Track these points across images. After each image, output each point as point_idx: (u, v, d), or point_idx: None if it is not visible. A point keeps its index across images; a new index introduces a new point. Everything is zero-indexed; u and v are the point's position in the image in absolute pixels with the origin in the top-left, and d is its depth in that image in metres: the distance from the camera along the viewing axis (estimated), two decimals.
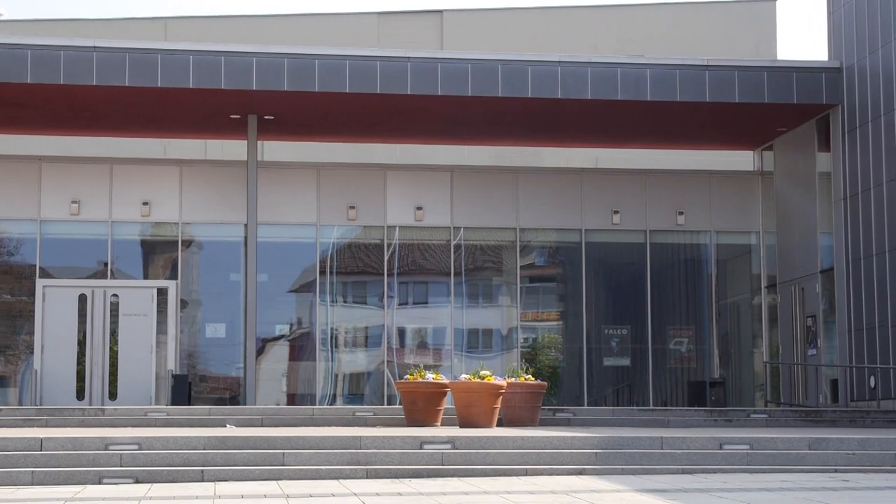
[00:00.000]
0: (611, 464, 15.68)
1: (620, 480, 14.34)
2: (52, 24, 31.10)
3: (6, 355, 26.78)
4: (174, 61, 23.05)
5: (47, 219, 26.58)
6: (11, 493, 13.63)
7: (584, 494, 12.90)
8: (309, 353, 27.32)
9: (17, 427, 19.96)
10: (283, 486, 14.12)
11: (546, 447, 16.24)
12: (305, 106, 24.33)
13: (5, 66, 22.49)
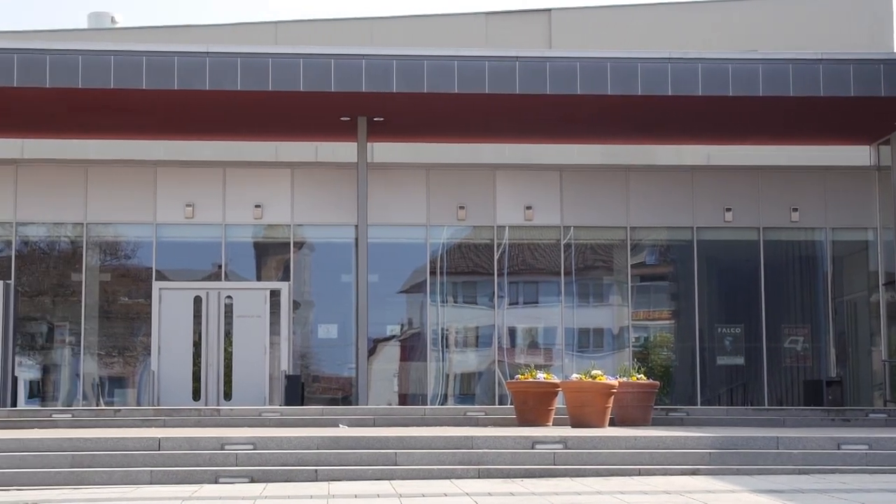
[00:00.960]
0: (725, 464, 15.50)
1: (735, 481, 14.17)
2: (166, 31, 31.61)
3: (124, 357, 27.29)
4: (285, 65, 23.27)
5: (163, 222, 27.03)
6: (131, 491, 13.88)
7: (699, 495, 12.76)
8: (420, 353, 27.41)
9: (135, 427, 20.35)
10: (396, 485, 14.18)
11: (659, 447, 16.10)
12: (414, 107, 24.41)
13: (122, 73, 22.90)
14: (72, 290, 27.00)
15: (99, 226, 27.04)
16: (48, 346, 27.35)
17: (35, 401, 26.94)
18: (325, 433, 17.08)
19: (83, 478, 14.85)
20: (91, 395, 26.82)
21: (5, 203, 26.67)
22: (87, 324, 26.73)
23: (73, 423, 21.57)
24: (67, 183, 26.89)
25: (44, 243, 27.28)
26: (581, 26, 31.25)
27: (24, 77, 22.64)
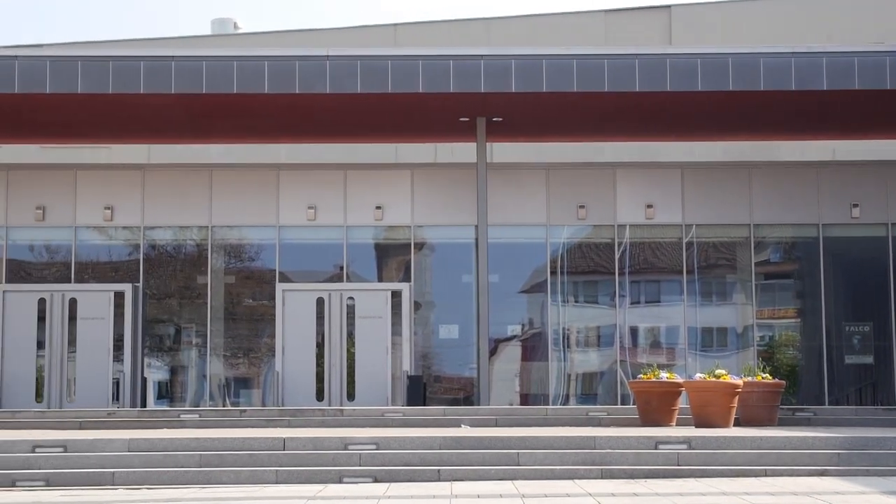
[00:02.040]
0: (854, 465, 15.20)
1: (865, 482, 13.88)
2: (287, 36, 31.99)
3: (249, 358, 27.68)
4: (404, 67, 23.38)
5: (285, 224, 27.36)
6: (257, 491, 14.07)
7: (827, 497, 12.53)
8: (541, 353, 27.35)
9: (261, 427, 20.62)
10: (519, 485, 14.17)
11: (785, 447, 15.85)
12: (533, 106, 24.35)
13: (244, 78, 23.21)
14: (198, 293, 27.46)
15: (223, 229, 27.47)
16: (175, 347, 27.86)
17: (164, 401, 27.47)
18: (448, 433, 17.13)
19: (211, 477, 15.10)
20: (217, 396, 27.25)
21: (133, 207, 27.23)
22: (213, 325, 27.17)
23: (201, 423, 21.94)
24: (192, 187, 27.37)
25: (170, 247, 27.79)
26: (701, 22, 30.90)
27: (150, 84, 23.08)
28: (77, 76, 22.99)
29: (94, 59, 23.23)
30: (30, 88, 22.95)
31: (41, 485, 14.87)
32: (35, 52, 24.83)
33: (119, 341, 26.28)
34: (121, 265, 27.47)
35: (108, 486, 14.84)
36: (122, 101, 23.62)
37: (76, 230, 27.24)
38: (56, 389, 26.08)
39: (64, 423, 21.83)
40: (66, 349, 26.23)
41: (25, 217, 27.15)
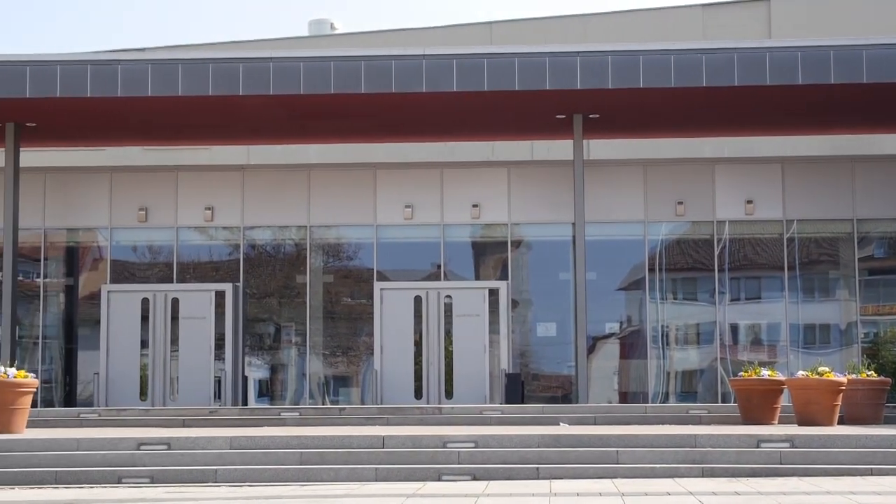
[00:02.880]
0: None
1: None
2: (383, 35, 32.12)
3: (348, 356, 27.86)
4: (500, 64, 23.36)
5: (383, 223, 27.49)
6: (357, 488, 14.14)
7: None
8: (640, 350, 27.17)
9: (360, 425, 20.74)
10: (618, 483, 14.08)
11: (892, 446, 15.56)
12: (631, 103, 24.19)
13: (341, 79, 23.36)
14: (297, 292, 27.71)
15: (321, 228, 27.68)
16: (275, 346, 28.14)
17: (264, 399, 27.76)
18: (546, 431, 17.08)
19: (311, 475, 15.22)
20: (317, 394, 27.47)
21: (233, 208, 27.56)
22: (312, 324, 27.39)
23: (301, 421, 22.12)
24: (291, 187, 27.62)
25: (269, 246, 28.07)
26: (801, 14, 30.45)
27: (248, 86, 23.33)
28: (178, 79, 23.31)
29: (195, 62, 23.54)
30: (132, 92, 23.33)
31: (146, 482, 15.10)
32: (137, 55, 25.21)
33: (220, 340, 26.60)
34: (221, 265, 27.80)
35: (211, 483, 15.02)
36: (222, 103, 23.90)
37: (178, 231, 27.63)
38: (160, 388, 26.48)
39: (167, 420, 22.17)
40: (168, 348, 26.61)
41: (128, 218, 27.60)
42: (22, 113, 24.38)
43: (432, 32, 31.86)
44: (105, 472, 15.33)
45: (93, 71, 23.34)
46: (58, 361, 27.90)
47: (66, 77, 23.27)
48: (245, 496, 13.36)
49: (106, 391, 26.17)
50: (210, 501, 12.76)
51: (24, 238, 26.65)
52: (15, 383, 18.39)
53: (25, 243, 26.95)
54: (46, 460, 15.71)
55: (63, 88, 23.29)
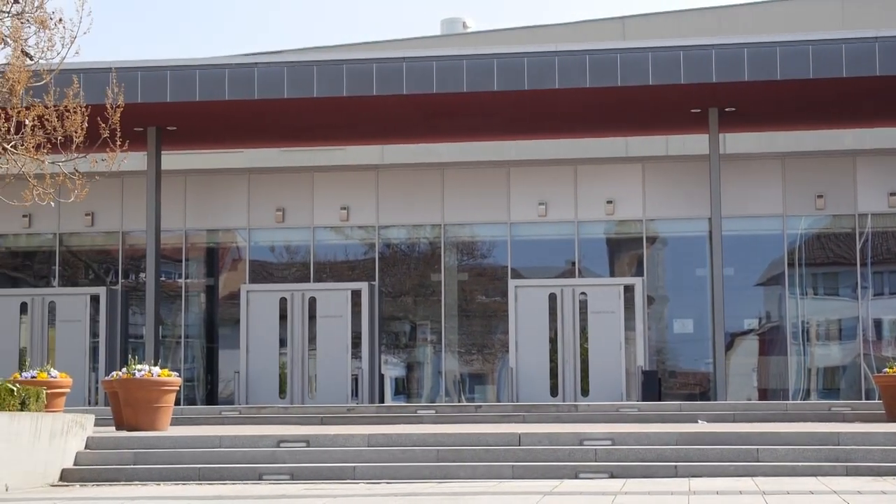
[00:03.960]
0: None
1: None
2: (515, 33, 32.10)
3: (483, 354, 27.91)
4: (633, 59, 23.18)
5: (517, 221, 27.47)
6: (494, 486, 14.15)
7: None
8: (779, 346, 26.72)
9: (496, 423, 20.76)
10: (759, 482, 13.87)
11: None
12: (768, 95, 23.79)
13: (474, 77, 23.41)
14: (432, 290, 27.84)
15: (455, 226, 27.77)
16: (411, 344, 28.31)
17: (401, 397, 27.95)
18: (684, 429, 16.90)
19: (448, 472, 15.27)
20: (452, 392, 27.57)
21: (368, 207, 27.80)
22: (447, 322, 27.50)
23: (437, 418, 22.21)
24: (425, 186, 27.76)
25: (404, 245, 28.26)
26: None
27: (382, 86, 23.52)
28: (313, 81, 23.61)
29: (329, 64, 23.82)
30: (269, 94, 23.69)
31: (286, 478, 15.31)
32: (273, 58, 25.59)
33: (357, 339, 26.86)
34: (357, 264, 28.07)
35: (349, 479, 15.17)
36: (356, 104, 24.13)
37: (314, 231, 27.97)
38: (298, 386, 26.83)
39: (306, 418, 22.45)
40: (306, 347, 26.96)
41: (266, 219, 28.02)
42: (163, 117, 24.92)
43: (564, 29, 31.74)
44: (246, 468, 15.58)
45: (230, 74, 23.76)
46: (199, 360, 28.46)
47: (205, 81, 23.72)
48: (383, 493, 13.46)
49: (246, 389, 26.61)
50: (349, 498, 12.89)
51: (166, 240, 27.23)
52: (159, 381, 18.80)
53: (167, 245, 27.53)
54: (190, 457, 16.03)
55: (202, 92, 23.75)
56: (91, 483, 15.25)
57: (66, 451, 15.76)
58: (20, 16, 14.45)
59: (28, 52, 14.42)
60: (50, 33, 14.39)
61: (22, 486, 14.55)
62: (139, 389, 18.60)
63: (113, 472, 15.61)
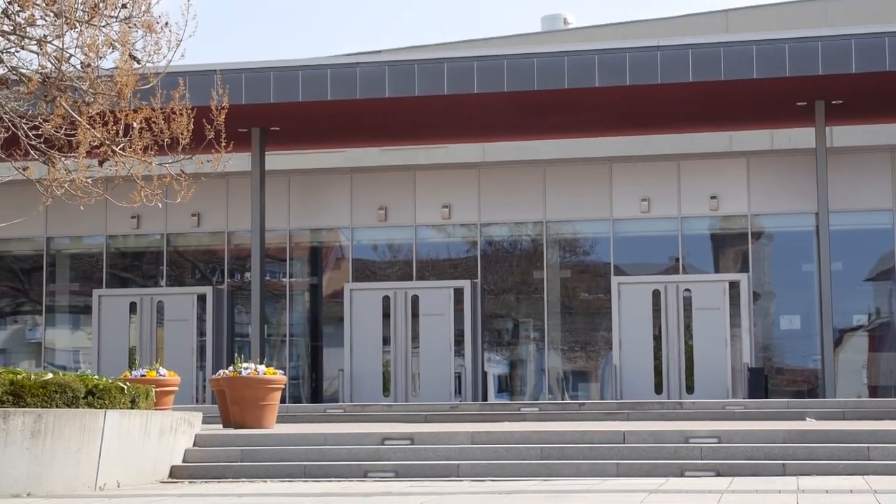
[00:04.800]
0: None
1: None
2: (616, 28, 31.91)
3: (586, 351, 27.79)
4: (736, 53, 22.91)
5: (619, 217, 27.30)
6: (598, 484, 14.08)
7: None
8: (890, 343, 26.20)
9: (599, 421, 20.66)
10: (870, 480, 13.62)
11: None
12: (876, 87, 23.35)
13: (575, 73, 23.32)
14: (534, 288, 27.78)
15: (557, 224, 27.68)
16: (514, 342, 28.28)
17: (504, 395, 27.93)
18: (792, 426, 16.66)
19: (552, 470, 15.22)
20: (556, 389, 27.49)
21: (470, 205, 27.81)
22: (550, 320, 27.42)
23: (540, 416, 22.16)
24: (526, 183, 27.70)
25: (506, 243, 28.24)
26: None
27: (483, 83, 23.52)
28: (414, 79, 23.69)
29: (430, 62, 23.88)
30: (370, 93, 23.83)
31: (391, 476, 15.38)
32: (374, 58, 25.73)
33: (459, 336, 26.89)
34: (459, 262, 28.11)
35: (453, 477, 15.18)
36: (457, 102, 24.17)
37: (416, 229, 28.06)
38: (402, 384, 26.94)
39: (410, 416, 22.54)
40: (409, 345, 27.06)
41: (369, 218, 28.18)
42: (266, 118, 25.19)
43: (666, 23, 31.49)
44: (351, 466, 15.68)
45: (332, 74, 23.94)
46: (304, 358, 28.72)
47: (308, 81, 23.93)
48: (487, 491, 13.46)
49: (350, 387, 26.79)
50: (453, 496, 12.90)
51: (271, 239, 27.51)
52: (265, 380, 18.99)
53: (272, 244, 27.82)
54: (296, 455, 16.17)
55: (305, 93, 23.97)
56: (199, 480, 15.46)
57: (175, 448, 16.00)
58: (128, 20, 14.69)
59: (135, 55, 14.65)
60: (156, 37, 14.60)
61: (133, 482, 14.80)
62: (245, 388, 18.82)
63: (220, 469, 15.81)
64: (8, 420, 13.12)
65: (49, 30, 14.54)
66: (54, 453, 13.58)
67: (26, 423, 13.26)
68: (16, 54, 14.75)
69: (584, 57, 23.33)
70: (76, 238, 29.43)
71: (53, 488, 13.58)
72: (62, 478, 13.71)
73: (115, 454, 14.44)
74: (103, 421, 14.24)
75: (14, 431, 13.15)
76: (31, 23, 14.41)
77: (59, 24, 14.36)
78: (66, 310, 29.79)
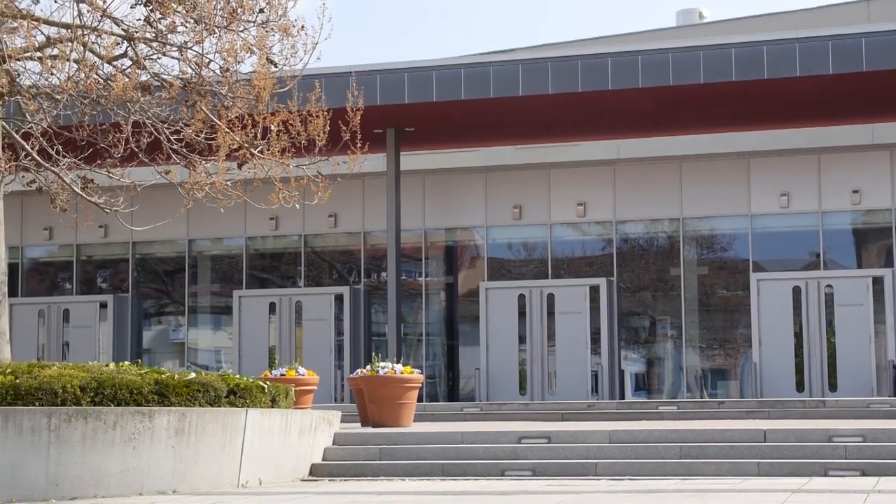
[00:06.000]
0: None
1: None
2: (753, 21, 31.44)
3: (725, 349, 27.43)
4: (879, 43, 22.38)
5: (757, 213, 26.89)
6: (739, 483, 13.89)
7: None
8: None
9: (739, 419, 20.38)
10: None
11: None
12: None
13: (711, 68, 23.03)
14: (671, 285, 27.52)
15: (694, 220, 27.37)
16: (651, 339, 28.05)
17: (641, 393, 27.73)
18: None
19: (691, 469, 15.06)
20: (694, 387, 27.19)
21: (605, 203, 27.64)
22: (688, 317, 27.12)
23: (679, 414, 21.94)
24: (662, 179, 27.44)
25: (642, 240, 28.02)
26: None
27: (617, 80, 23.38)
28: (548, 77, 23.65)
29: (563, 60, 23.81)
30: (504, 92, 23.85)
31: (528, 474, 15.36)
32: (507, 56, 25.74)
33: (596, 334, 26.76)
34: (594, 260, 27.98)
35: (591, 476, 15.11)
36: (591, 99, 24.06)
37: (551, 227, 27.99)
38: (538, 382, 26.91)
39: (546, 414, 22.50)
40: (545, 343, 27.01)
41: (503, 216, 28.19)
42: (401, 118, 25.37)
43: (805, 15, 30.94)
44: (488, 464, 15.70)
45: (466, 74, 24.01)
46: (440, 357, 28.86)
47: (442, 81, 24.05)
48: (626, 490, 13.37)
49: (486, 386, 26.84)
50: (592, 495, 12.84)
51: (406, 239, 27.70)
52: (402, 379, 19.13)
53: (407, 244, 28.01)
54: (433, 453, 16.25)
55: (439, 92, 24.09)
56: (339, 478, 15.63)
57: (315, 446, 16.21)
58: (265, 25, 14.93)
59: (273, 59, 14.88)
60: (293, 40, 14.82)
61: (274, 480, 15.03)
62: (383, 386, 18.98)
63: (359, 467, 15.97)
64: (153, 419, 13.43)
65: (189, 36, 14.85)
66: (198, 451, 13.86)
67: (171, 422, 13.56)
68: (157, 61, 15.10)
69: (721, 51, 23.04)
70: (217, 240, 30.00)
71: (198, 486, 13.86)
72: (206, 475, 13.98)
73: (257, 452, 14.68)
74: (245, 420, 14.48)
75: (159, 430, 13.46)
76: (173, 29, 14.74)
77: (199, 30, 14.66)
78: (207, 310, 30.40)
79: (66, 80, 14.28)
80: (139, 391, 13.62)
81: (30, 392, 13.08)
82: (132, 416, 13.29)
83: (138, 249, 30.26)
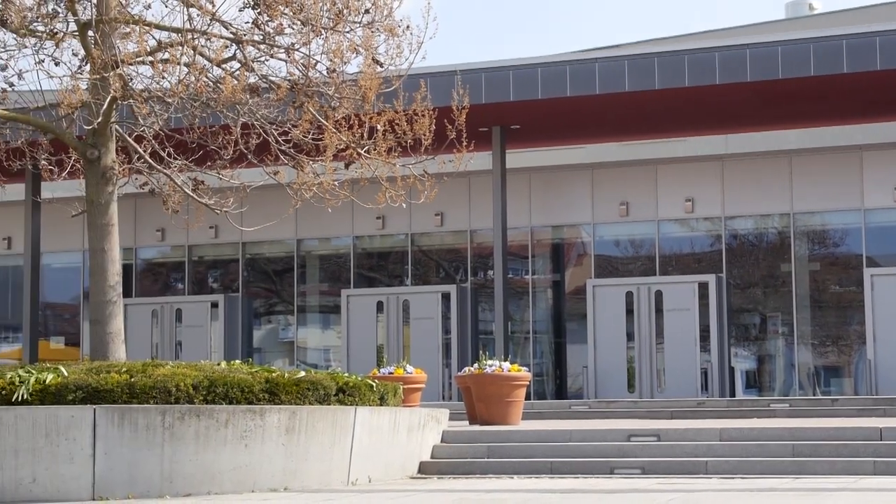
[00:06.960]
0: None
1: None
2: (865, 12, 30.90)
3: (838, 345, 26.98)
4: None
5: (871, 207, 26.38)
6: (852, 482, 13.66)
7: None
8: None
9: (853, 417, 20.05)
10: None
11: None
12: None
13: (821, 60, 22.65)
14: (781, 281, 27.13)
15: (805, 215, 26.95)
16: (761, 336, 27.69)
17: (752, 391, 27.38)
18: None
19: (804, 467, 14.85)
20: (806, 385, 26.78)
21: (713, 198, 27.34)
22: (799, 314, 26.72)
23: (791, 412, 21.64)
24: (771, 174, 27.07)
25: (751, 235, 27.66)
26: None
27: (725, 74, 23.11)
28: (654, 73, 23.47)
29: (670, 55, 23.62)
30: (610, 88, 23.71)
31: (637, 472, 15.27)
32: (613, 52, 25.60)
33: (705, 332, 26.49)
34: (703, 256, 27.69)
35: (701, 474, 14.97)
36: (698, 94, 23.82)
37: (658, 224, 27.77)
38: (646, 379, 26.72)
39: (655, 412, 22.34)
40: (654, 340, 26.81)
41: (610, 213, 28.03)
42: (506, 116, 25.35)
43: None
44: (597, 462, 15.63)
45: (571, 71, 23.93)
46: (548, 355, 28.79)
47: (547, 78, 23.99)
48: (737, 488, 13.22)
49: (594, 383, 26.72)
50: (703, 493, 12.73)
51: (513, 237, 27.67)
52: (510, 377, 19.13)
53: (514, 242, 27.98)
54: (541, 451, 16.23)
55: (544, 90, 24.02)
56: (448, 475, 15.67)
57: (423, 444, 16.26)
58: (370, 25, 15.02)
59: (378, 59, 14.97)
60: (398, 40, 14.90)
61: (383, 477, 15.12)
62: (490, 385, 18.99)
63: (467, 465, 16.00)
64: (264, 416, 13.59)
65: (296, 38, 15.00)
66: (308, 449, 14.00)
67: (281, 420, 13.71)
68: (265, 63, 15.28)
69: (831, 43, 22.65)
70: (324, 239, 30.26)
71: (308, 483, 14.00)
72: (316, 473, 14.12)
73: (366, 450, 14.78)
74: (354, 417, 14.59)
75: (270, 428, 13.62)
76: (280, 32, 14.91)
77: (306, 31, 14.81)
78: (316, 309, 30.69)
79: (176, 84, 14.52)
80: (250, 389, 13.79)
81: (144, 391, 13.32)
82: (244, 414, 13.46)
83: (248, 249, 30.65)
